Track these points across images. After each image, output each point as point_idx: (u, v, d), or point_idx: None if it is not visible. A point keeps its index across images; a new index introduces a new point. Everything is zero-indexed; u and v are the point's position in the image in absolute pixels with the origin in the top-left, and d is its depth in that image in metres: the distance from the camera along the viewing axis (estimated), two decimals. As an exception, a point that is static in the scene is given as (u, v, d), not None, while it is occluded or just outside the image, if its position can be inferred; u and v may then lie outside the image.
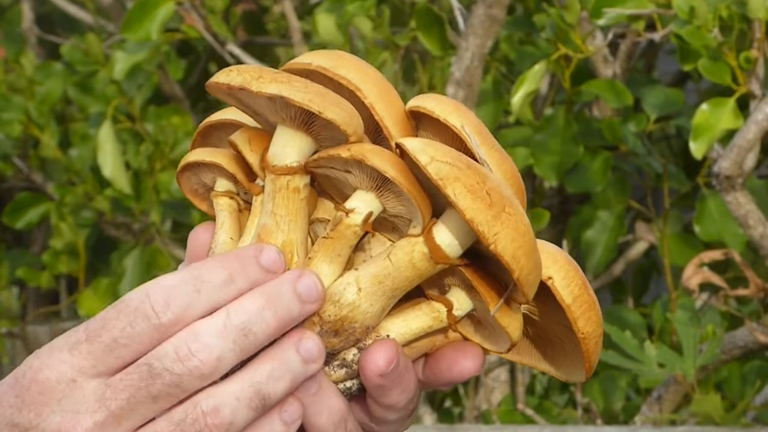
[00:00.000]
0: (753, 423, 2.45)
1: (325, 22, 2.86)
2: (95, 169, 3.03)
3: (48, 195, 3.22)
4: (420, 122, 1.09)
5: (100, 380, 1.01)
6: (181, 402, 1.01)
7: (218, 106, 3.17)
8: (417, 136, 1.09)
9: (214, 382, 1.01)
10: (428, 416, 2.83)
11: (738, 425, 2.46)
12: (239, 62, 3.08)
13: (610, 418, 2.67)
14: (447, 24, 2.83)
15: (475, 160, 1.05)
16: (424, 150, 1.02)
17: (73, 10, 3.40)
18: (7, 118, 3.10)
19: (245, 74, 1.06)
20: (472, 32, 2.74)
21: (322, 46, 2.88)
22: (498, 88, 2.84)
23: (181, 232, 3.14)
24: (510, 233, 1.01)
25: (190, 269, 1.03)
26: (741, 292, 2.43)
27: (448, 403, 2.89)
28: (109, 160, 2.98)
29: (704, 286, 2.41)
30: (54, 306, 3.48)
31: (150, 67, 3.10)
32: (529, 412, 2.72)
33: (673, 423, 2.50)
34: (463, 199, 1.00)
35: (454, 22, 2.80)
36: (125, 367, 1.01)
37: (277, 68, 1.24)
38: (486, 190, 1.01)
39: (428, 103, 1.08)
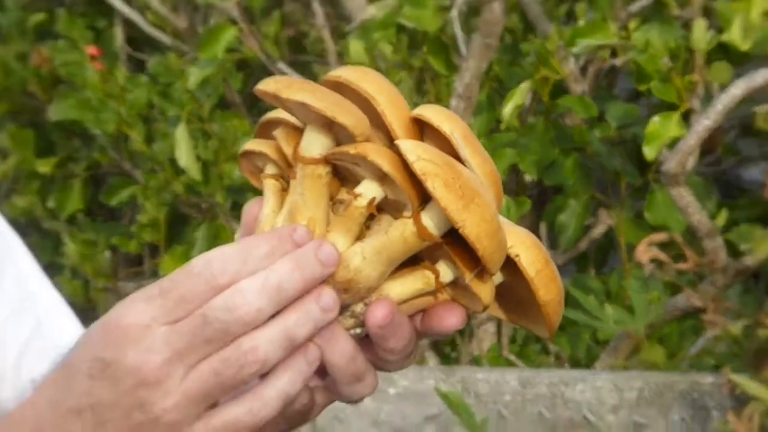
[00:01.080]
0: (688, 369, 2.45)
1: (355, 46, 2.85)
2: (173, 160, 3.03)
3: (135, 180, 3.21)
4: (423, 128, 1.05)
5: (168, 327, 1.00)
6: (227, 344, 1.00)
7: (270, 109, 3.17)
8: (420, 139, 1.06)
9: (254, 328, 1.01)
10: (432, 359, 2.82)
11: (677, 370, 2.45)
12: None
13: (575, 363, 2.67)
14: (452, 49, 2.82)
15: (461, 161, 1.04)
16: (413, 150, 1.00)
17: (157, 33, 3.38)
18: (104, 119, 3.10)
19: (279, 84, 1.03)
20: (471, 56, 2.72)
21: (353, 63, 2.85)
22: (491, 101, 2.83)
23: (238, 210, 3.13)
24: (476, 220, 1.00)
25: (242, 243, 1.03)
26: (681, 266, 2.42)
27: (447, 350, 2.89)
28: (184, 153, 2.98)
29: (652, 261, 2.41)
30: (139, 267, 3.47)
31: (216, 79, 3.09)
32: (512, 357, 2.72)
33: (625, 368, 2.49)
34: (440, 191, 0.99)
35: (458, 48, 2.78)
36: (187, 316, 1.01)
37: (315, 82, 1.24)
38: (459, 184, 1.00)
39: (427, 111, 1.03)
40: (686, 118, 2.43)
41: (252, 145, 1.10)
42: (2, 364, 1.37)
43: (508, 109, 2.63)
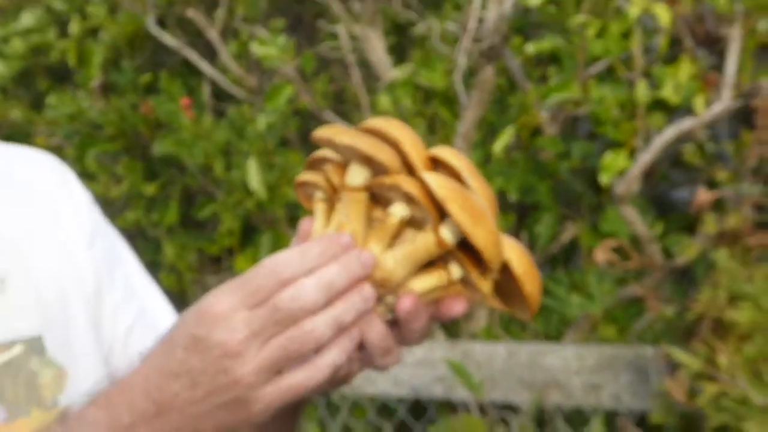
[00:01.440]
0: (634, 342, 2.45)
1: (383, 100, 2.86)
2: (245, 185, 3.02)
3: (217, 199, 3.21)
4: (436, 163, 1.08)
5: (247, 312, 1.01)
6: (292, 326, 1.01)
7: (316, 149, 3.16)
8: (435, 171, 1.08)
9: (312, 314, 1.01)
10: (440, 334, 2.82)
11: (625, 344, 2.46)
12: (331, 122, 3.08)
13: (548, 337, 2.67)
14: (455, 102, 2.81)
15: (467, 188, 1.06)
16: (435, 181, 1.03)
17: (234, 89, 3.37)
18: (195, 153, 3.10)
19: (331, 131, 1.07)
20: (470, 107, 2.72)
21: (382, 114, 2.84)
22: (484, 140, 2.82)
23: (294, 222, 3.13)
24: (482, 233, 1.03)
25: (300, 247, 1.05)
26: (627, 264, 2.43)
27: (451, 327, 2.89)
28: (254, 179, 2.97)
29: (607, 261, 2.41)
30: (219, 265, 3.47)
31: (279, 124, 3.09)
32: (500, 332, 2.73)
33: (586, 342, 2.50)
34: (456, 212, 1.01)
35: (460, 101, 2.78)
36: (262, 303, 1.02)
37: (353, 127, 1.24)
38: (469, 206, 1.03)
39: (440, 151, 1.08)
40: (632, 153, 2.42)
41: (305, 176, 1.12)
42: (114, 341, 1.38)
43: (498, 147, 2.63)
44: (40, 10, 3.64)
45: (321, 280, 1.02)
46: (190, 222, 3.38)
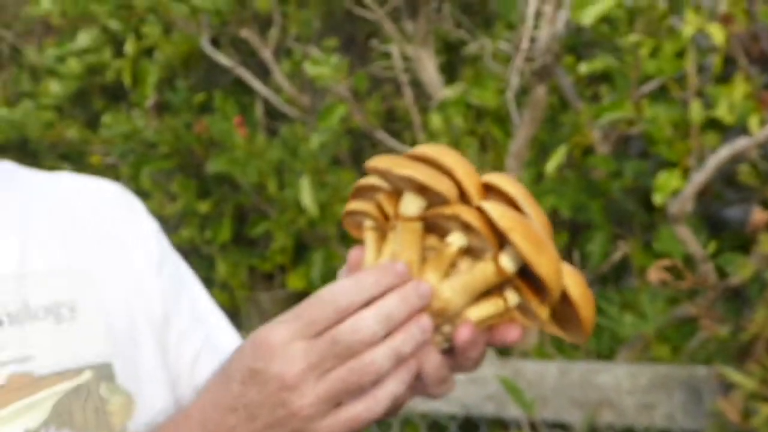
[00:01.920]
0: (687, 362, 2.43)
1: (435, 119, 2.86)
2: (298, 203, 3.02)
3: (270, 217, 3.22)
4: (490, 190, 1.07)
5: (305, 343, 1.00)
6: (351, 358, 1.00)
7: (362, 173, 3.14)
8: (488, 199, 1.07)
9: (371, 346, 1.01)
10: (491, 352, 2.82)
11: (678, 363, 2.44)
12: (385, 142, 3.10)
13: (600, 356, 2.65)
14: (507, 120, 2.80)
15: (522, 213, 1.05)
16: (495, 210, 1.01)
17: (287, 108, 3.40)
18: (248, 171, 3.13)
19: (387, 162, 1.05)
20: (522, 126, 2.71)
21: (434, 133, 2.86)
22: (536, 159, 2.82)
23: (345, 240, 3.14)
24: (546, 262, 1.01)
25: (355, 277, 1.04)
26: (681, 284, 2.41)
27: (503, 345, 2.88)
28: (306, 197, 2.98)
29: (660, 280, 2.39)
30: (271, 282, 3.49)
31: (331, 143, 3.10)
32: (552, 351, 2.72)
33: (638, 361, 2.48)
34: (519, 242, 1.00)
35: (512, 119, 2.76)
36: (319, 335, 1.01)
37: (405, 145, 1.25)
38: (532, 235, 1.01)
39: (494, 179, 1.07)
40: (685, 173, 2.40)
41: (355, 205, 1.11)
42: (181, 368, 1.37)
43: (550, 166, 2.61)
44: (97, 30, 3.69)
45: (380, 311, 1.01)
46: (242, 239, 3.40)
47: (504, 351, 2.84)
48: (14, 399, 1.21)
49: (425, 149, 1.07)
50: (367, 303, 1.01)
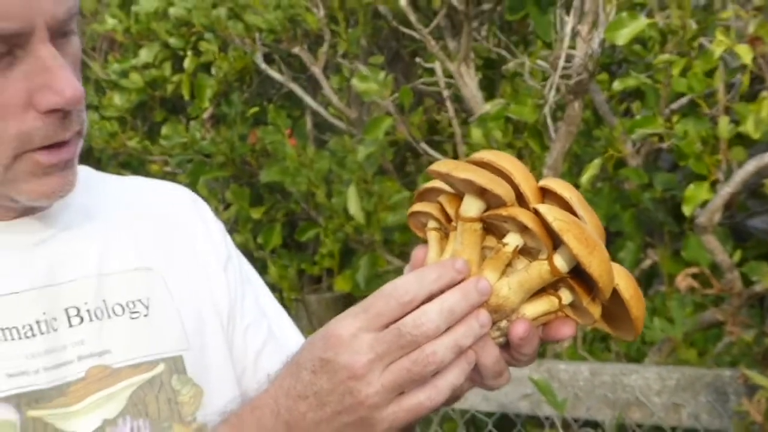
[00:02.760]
0: (713, 365, 2.43)
1: (475, 132, 2.86)
2: (345, 210, 3.04)
3: (318, 223, 3.24)
4: (545, 193, 1.07)
5: (371, 335, 1.01)
6: (414, 349, 1.00)
7: (418, 176, 3.09)
8: (544, 202, 1.07)
9: (433, 339, 1.01)
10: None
11: (704, 366, 2.44)
12: (427, 153, 3.12)
13: (629, 359, 2.64)
14: (544, 134, 2.80)
15: (576, 216, 1.04)
16: (550, 213, 1.01)
17: (336, 121, 3.41)
18: (298, 181, 3.15)
19: (448, 165, 1.05)
20: (558, 140, 2.73)
21: (474, 146, 2.86)
22: (571, 171, 2.84)
23: (390, 245, 3.13)
24: (597, 262, 1.01)
25: (417, 272, 1.04)
26: (708, 291, 2.42)
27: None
28: (353, 205, 3.00)
29: (688, 287, 2.40)
30: (319, 285, 3.49)
31: (377, 154, 3.09)
32: (584, 353, 2.72)
33: (667, 363, 2.48)
34: (572, 243, 1.00)
35: (548, 133, 2.78)
36: (384, 327, 1.01)
37: (447, 156, 1.25)
38: (584, 237, 1.01)
39: (550, 183, 1.06)
40: (713, 185, 2.41)
41: (419, 207, 1.12)
42: (246, 361, 1.37)
43: (585, 178, 2.62)
44: (157, 46, 3.72)
45: (442, 306, 1.01)
46: (292, 244, 3.41)
47: (538, 353, 2.85)
48: (93, 390, 1.22)
49: (484, 154, 1.08)
50: (429, 298, 1.01)
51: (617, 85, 2.65)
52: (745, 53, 2.32)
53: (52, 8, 1.14)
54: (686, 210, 2.41)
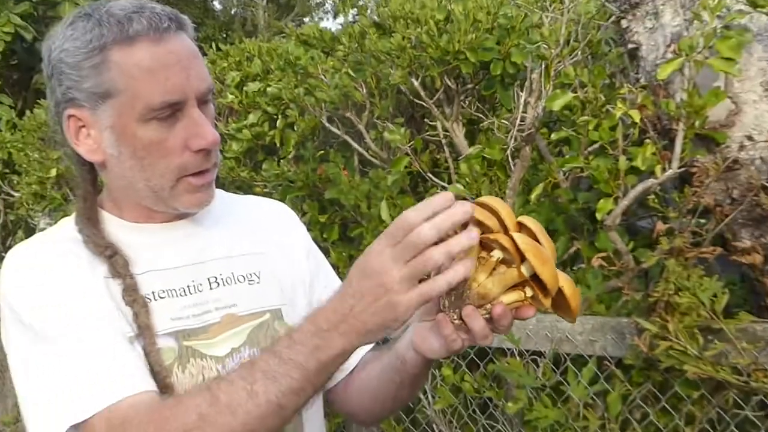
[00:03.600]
0: (615, 315, 2.39)
1: (463, 166, 2.81)
2: (379, 216, 3.03)
3: (363, 224, 3.21)
4: (521, 226, 1.04)
5: (390, 248, 0.98)
6: (420, 253, 0.97)
7: (425, 194, 3.07)
8: (520, 231, 1.04)
9: (432, 247, 0.97)
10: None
11: (609, 316, 2.38)
12: (432, 180, 3.06)
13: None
14: (507, 167, 2.76)
15: (539, 242, 1.03)
16: (520, 239, 1.01)
17: (373, 159, 3.37)
18: (348, 198, 3.14)
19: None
20: (515, 171, 2.69)
21: (462, 175, 2.82)
22: (524, 191, 2.79)
23: None
24: (548, 272, 1.01)
25: (418, 205, 0.99)
26: (612, 267, 2.37)
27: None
28: (385, 213, 3.00)
29: (599, 265, 2.35)
30: None
31: (399, 181, 3.04)
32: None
33: (585, 315, 2.43)
34: (532, 259, 0.99)
35: (510, 166, 2.72)
36: (399, 243, 0.98)
37: (445, 183, 1.23)
38: (541, 255, 1.00)
39: (525, 220, 1.04)
40: (615, 200, 2.38)
41: None
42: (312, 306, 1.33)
43: (533, 196, 2.62)
44: (260, 112, 3.73)
45: (433, 223, 0.97)
46: (345, 239, 3.38)
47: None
48: (226, 330, 1.24)
49: (484, 198, 1.05)
50: (428, 220, 0.98)
51: (553, 136, 2.64)
52: (635, 115, 2.31)
53: (198, 85, 1.20)
54: (598, 215, 2.40)
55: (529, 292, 1.05)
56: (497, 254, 1.04)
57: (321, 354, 1.02)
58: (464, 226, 1.01)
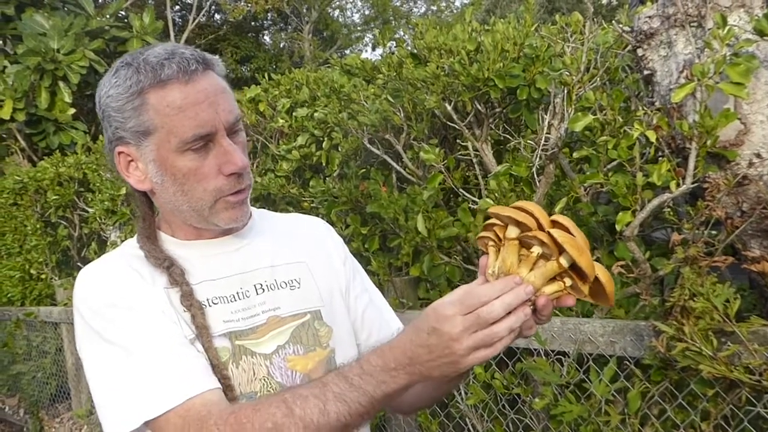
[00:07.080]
0: (634, 318, 2.38)
1: (492, 183, 2.81)
2: (416, 228, 3.01)
3: (400, 235, 3.19)
4: (555, 223, 1.04)
5: (462, 317, 0.99)
6: (486, 327, 0.98)
7: (458, 209, 3.02)
8: (554, 228, 1.03)
9: (498, 321, 0.98)
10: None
11: (628, 319, 2.37)
12: (464, 195, 3.04)
13: (584, 315, 2.55)
14: (533, 183, 2.74)
15: (572, 235, 1.03)
16: (557, 233, 1.00)
17: (408, 177, 3.36)
18: (387, 211, 3.11)
19: (500, 209, 1.01)
20: (540, 187, 2.68)
21: (491, 191, 2.80)
22: (548, 205, 2.75)
23: (441, 249, 3.08)
24: (585, 261, 1.00)
25: (491, 284, 0.99)
26: (630, 275, 2.33)
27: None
28: (420, 224, 2.98)
29: (618, 272, 2.30)
30: (400, 273, 3.41)
31: (433, 196, 3.03)
32: (557, 312, 2.62)
33: (606, 317, 2.43)
34: (570, 250, 0.99)
35: (536, 182, 2.70)
36: (470, 313, 0.99)
37: (475, 198, 1.21)
38: (577, 246, 1.00)
39: (558, 217, 1.04)
40: (633, 213, 2.36)
41: (483, 233, 1.10)
42: (356, 316, 1.36)
43: (556, 210, 2.59)
44: (308, 134, 3.75)
45: (503, 302, 0.99)
46: (385, 248, 3.39)
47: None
48: (272, 329, 1.24)
49: (520, 203, 1.05)
50: (497, 297, 0.99)
51: (575, 155, 2.63)
52: (652, 135, 2.30)
53: (226, 117, 1.23)
54: (617, 227, 2.38)
55: (568, 282, 1.04)
56: (537, 249, 1.03)
57: (387, 387, 1.04)
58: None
